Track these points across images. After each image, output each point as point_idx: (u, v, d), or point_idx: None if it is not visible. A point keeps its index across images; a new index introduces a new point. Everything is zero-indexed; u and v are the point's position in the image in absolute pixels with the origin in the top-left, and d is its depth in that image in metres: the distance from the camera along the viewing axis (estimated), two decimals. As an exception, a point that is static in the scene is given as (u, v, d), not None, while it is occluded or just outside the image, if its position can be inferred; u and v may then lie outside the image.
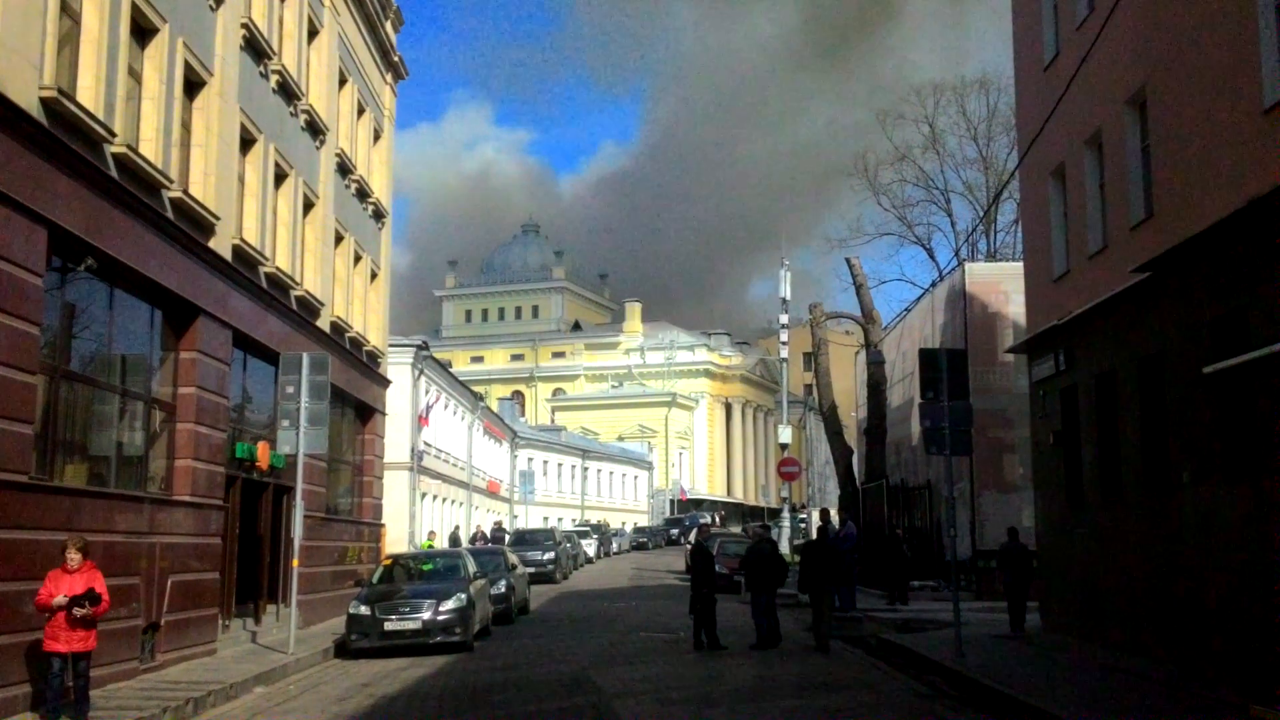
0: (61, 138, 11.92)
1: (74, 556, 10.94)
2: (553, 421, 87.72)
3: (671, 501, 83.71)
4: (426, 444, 40.85)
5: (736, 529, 63.66)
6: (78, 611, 10.83)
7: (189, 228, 15.42)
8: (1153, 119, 14.69)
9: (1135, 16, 14.88)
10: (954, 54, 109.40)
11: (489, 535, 41.26)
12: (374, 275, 27.46)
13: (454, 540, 39.26)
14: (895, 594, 25.56)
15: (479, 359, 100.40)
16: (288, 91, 20.17)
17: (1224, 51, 12.49)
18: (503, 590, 22.67)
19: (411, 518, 38.07)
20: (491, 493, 54.94)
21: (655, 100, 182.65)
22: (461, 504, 48.33)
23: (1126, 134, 15.62)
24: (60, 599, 10.75)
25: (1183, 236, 12.97)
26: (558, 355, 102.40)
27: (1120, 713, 11.01)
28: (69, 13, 12.62)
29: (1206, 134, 12.94)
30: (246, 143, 18.31)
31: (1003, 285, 27.98)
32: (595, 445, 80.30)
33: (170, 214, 14.83)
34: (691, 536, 44.63)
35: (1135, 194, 15.31)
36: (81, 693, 11.05)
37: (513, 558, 25.68)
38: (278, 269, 19.32)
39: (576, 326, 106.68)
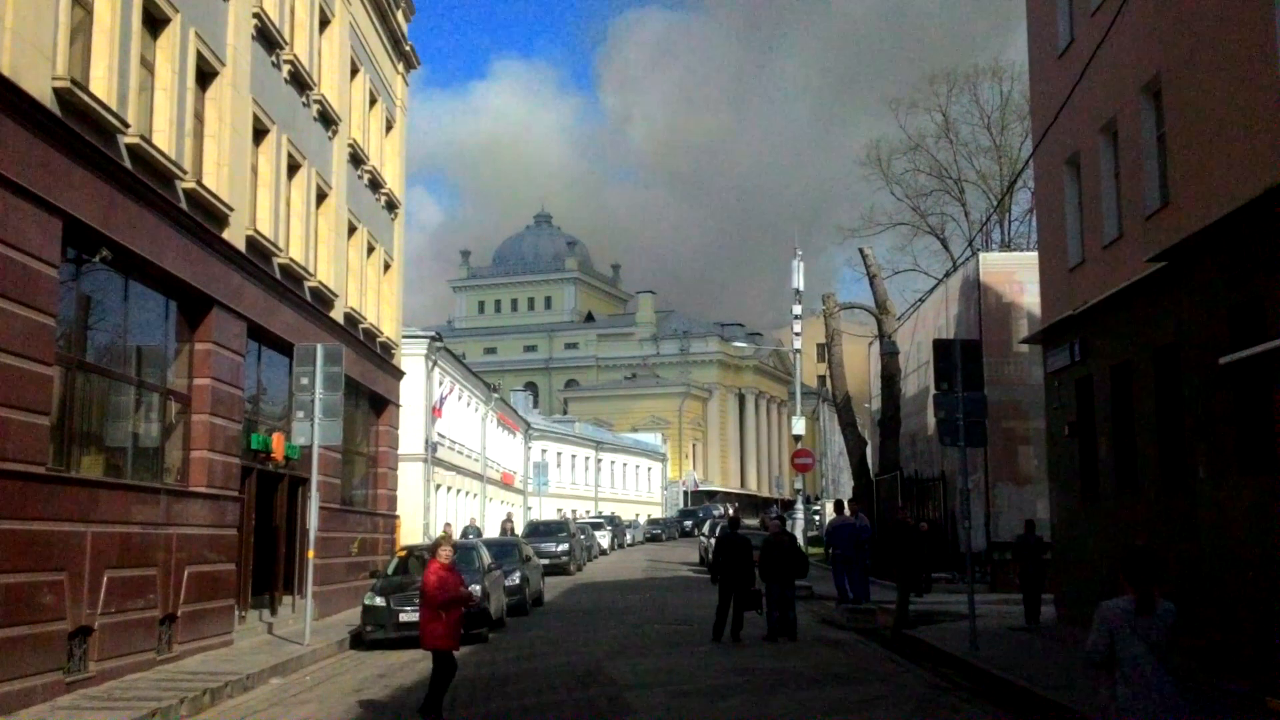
0: (75, 128, 11.94)
1: (447, 550, 10.78)
2: (565, 413, 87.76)
3: (685, 493, 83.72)
4: (440, 435, 40.87)
5: (753, 521, 63.61)
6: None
7: (202, 219, 15.45)
8: (1168, 106, 14.58)
9: (1150, 2, 14.77)
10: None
11: (500, 528, 41.16)
12: (387, 266, 27.49)
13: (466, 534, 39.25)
14: (913, 586, 25.46)
15: (492, 350, 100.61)
16: (300, 82, 20.18)
17: (1240, 37, 12.37)
18: (517, 582, 22.69)
19: (426, 509, 38.11)
20: (505, 484, 55.01)
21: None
22: (476, 495, 48.39)
23: (1142, 122, 15.51)
24: (475, 589, 10.44)
25: (1199, 225, 12.87)
26: (570, 346, 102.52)
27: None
28: (81, 3, 12.62)
29: (1222, 121, 12.83)
30: (259, 133, 18.33)
31: (1017, 275, 27.94)
32: (608, 437, 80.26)
33: (184, 205, 14.86)
34: (706, 528, 44.95)
35: (1151, 182, 15.20)
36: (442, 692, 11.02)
37: (527, 549, 25.71)
38: (291, 260, 19.35)
39: (589, 317, 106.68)
